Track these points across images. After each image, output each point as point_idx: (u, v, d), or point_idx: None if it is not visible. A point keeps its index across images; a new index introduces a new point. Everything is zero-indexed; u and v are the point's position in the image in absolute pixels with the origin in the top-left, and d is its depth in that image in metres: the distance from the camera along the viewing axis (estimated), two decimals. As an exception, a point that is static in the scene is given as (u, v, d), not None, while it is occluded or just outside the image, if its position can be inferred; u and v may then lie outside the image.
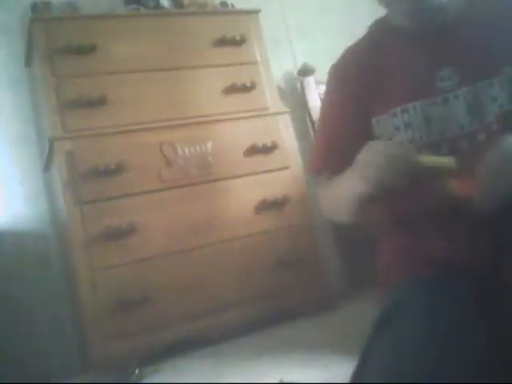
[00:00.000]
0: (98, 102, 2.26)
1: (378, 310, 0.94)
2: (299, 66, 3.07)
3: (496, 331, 0.80)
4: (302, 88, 3.01)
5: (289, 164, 2.53)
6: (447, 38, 1.04)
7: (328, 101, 1.20)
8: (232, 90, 2.51)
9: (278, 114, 2.60)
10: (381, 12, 1.12)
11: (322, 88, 3.01)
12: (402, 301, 0.91)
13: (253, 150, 2.47)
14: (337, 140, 1.12)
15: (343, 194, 0.98)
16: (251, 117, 2.52)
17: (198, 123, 2.43)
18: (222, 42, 2.55)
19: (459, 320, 0.81)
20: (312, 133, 3.01)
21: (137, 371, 1.98)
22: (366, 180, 0.86)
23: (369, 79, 1.08)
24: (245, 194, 2.42)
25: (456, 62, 1.02)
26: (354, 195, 0.92)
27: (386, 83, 1.06)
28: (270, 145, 2.48)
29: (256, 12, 2.70)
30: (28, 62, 2.54)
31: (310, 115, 2.99)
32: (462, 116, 1.00)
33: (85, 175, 2.16)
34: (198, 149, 2.38)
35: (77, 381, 2.19)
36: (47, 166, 2.42)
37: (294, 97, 3.05)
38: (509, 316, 0.83)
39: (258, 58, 2.64)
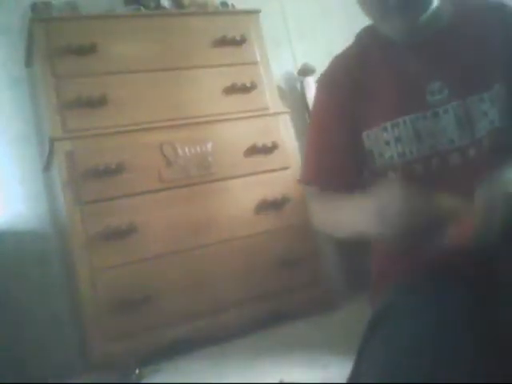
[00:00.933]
0: (99, 102, 2.26)
1: (371, 313, 0.94)
2: (299, 66, 3.07)
3: (492, 331, 0.80)
4: (302, 88, 3.01)
5: (289, 164, 2.53)
6: (437, 51, 1.03)
7: (317, 111, 1.18)
8: (232, 90, 2.52)
9: (278, 114, 2.60)
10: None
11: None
12: (395, 302, 0.91)
13: (253, 150, 2.47)
14: (327, 153, 1.11)
15: (350, 221, 0.97)
16: (251, 117, 2.52)
17: (198, 123, 2.43)
18: (222, 42, 2.55)
19: (453, 320, 0.81)
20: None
21: (137, 371, 1.98)
22: (382, 222, 0.83)
23: (358, 90, 1.07)
24: (245, 194, 2.42)
25: (446, 76, 1.01)
26: (364, 229, 0.90)
27: (376, 95, 1.06)
28: (269, 145, 2.48)
29: (256, 12, 2.71)
30: (28, 61, 2.54)
31: (310, 115, 2.99)
32: (452, 130, 1.00)
33: (85, 175, 2.16)
34: (198, 149, 2.38)
35: (77, 381, 2.19)
36: (47, 166, 2.42)
37: (294, 97, 3.05)
38: (504, 316, 0.83)
39: (258, 58, 2.64)
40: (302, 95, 3.01)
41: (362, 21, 1.12)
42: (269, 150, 2.49)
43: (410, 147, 1.01)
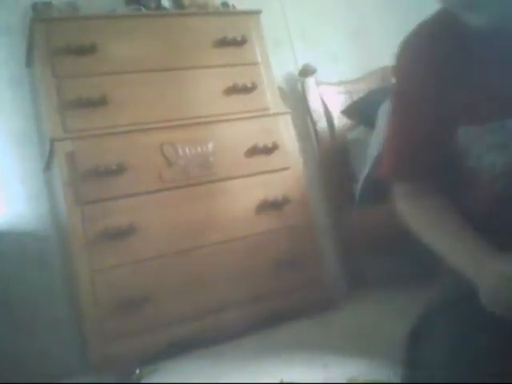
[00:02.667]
0: (99, 103, 2.26)
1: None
2: (300, 66, 3.07)
3: None
4: (303, 88, 3.01)
5: (289, 164, 2.53)
6: None
7: (405, 92, 1.01)
8: (233, 90, 2.51)
9: (279, 114, 2.60)
10: (381, 13, 1.08)
11: (323, 88, 3.03)
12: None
13: (253, 151, 2.47)
14: (416, 145, 0.99)
15: (451, 253, 0.90)
16: (252, 117, 2.52)
17: (199, 124, 2.43)
18: (223, 42, 2.55)
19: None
20: (313, 133, 3.01)
21: (137, 371, 1.98)
22: (490, 299, 0.80)
23: (454, 69, 0.91)
24: (245, 194, 2.42)
25: None
26: (463, 272, 0.85)
27: (478, 83, 0.90)
28: (270, 145, 2.48)
29: (257, 12, 2.70)
30: (29, 61, 2.54)
31: (310, 116, 2.99)
32: None
33: (85, 175, 2.16)
34: (198, 149, 2.38)
35: (77, 381, 2.19)
36: (48, 166, 2.42)
37: (295, 97, 3.05)
38: None
39: (259, 59, 2.64)
40: (303, 96, 3.01)
41: (363, 21, 1.10)
42: (269, 150, 2.49)
43: None
